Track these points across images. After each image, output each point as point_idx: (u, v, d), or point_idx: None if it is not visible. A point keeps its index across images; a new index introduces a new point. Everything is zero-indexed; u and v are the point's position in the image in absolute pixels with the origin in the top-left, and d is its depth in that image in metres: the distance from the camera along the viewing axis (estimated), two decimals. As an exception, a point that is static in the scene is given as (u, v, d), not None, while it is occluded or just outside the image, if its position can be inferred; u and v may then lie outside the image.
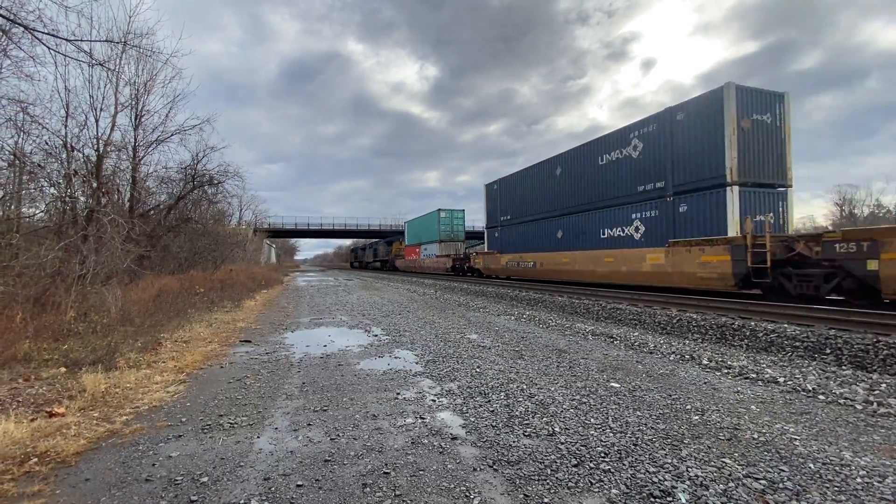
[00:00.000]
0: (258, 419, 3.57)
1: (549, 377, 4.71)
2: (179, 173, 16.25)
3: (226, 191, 19.26)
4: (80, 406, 3.77)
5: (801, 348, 5.92)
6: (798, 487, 2.42)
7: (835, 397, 4.06)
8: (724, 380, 4.70)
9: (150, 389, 4.30)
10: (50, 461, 2.78)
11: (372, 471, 2.66)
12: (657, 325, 8.13)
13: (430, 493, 2.40)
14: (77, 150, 11.07)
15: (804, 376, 4.76)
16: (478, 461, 2.78)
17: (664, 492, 2.38)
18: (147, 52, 11.96)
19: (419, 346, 6.52)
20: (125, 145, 13.44)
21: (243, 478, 2.59)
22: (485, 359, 5.59)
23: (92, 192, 11.28)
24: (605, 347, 6.35)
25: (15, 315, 6.08)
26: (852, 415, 3.64)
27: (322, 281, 28.23)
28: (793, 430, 3.26)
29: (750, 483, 2.47)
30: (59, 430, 3.24)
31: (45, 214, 10.59)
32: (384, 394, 4.22)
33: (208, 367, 5.32)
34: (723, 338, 6.93)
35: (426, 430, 3.31)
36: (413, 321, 9.09)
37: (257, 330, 8.23)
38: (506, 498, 2.36)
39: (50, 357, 5.25)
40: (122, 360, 5.19)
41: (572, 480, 2.52)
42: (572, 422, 3.42)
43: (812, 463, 2.72)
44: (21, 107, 9.37)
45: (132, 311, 7.66)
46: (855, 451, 2.92)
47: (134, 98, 13.61)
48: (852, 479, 2.52)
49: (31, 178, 9.82)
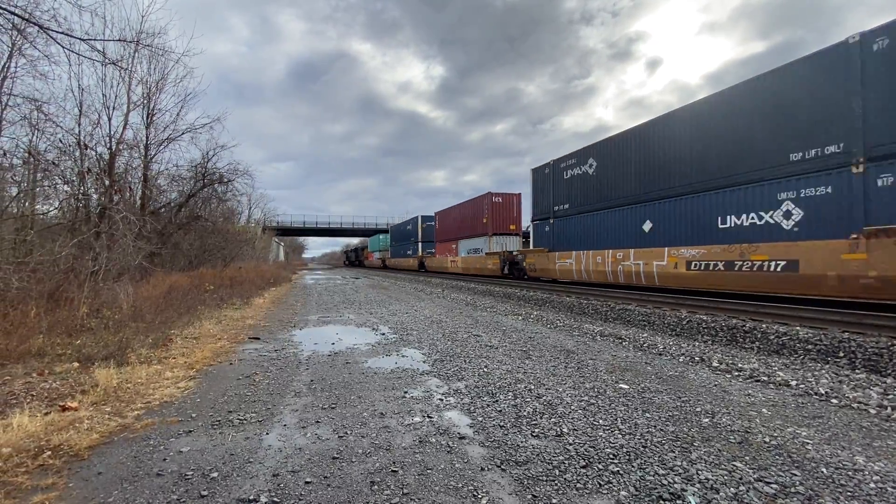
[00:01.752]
0: (267, 416, 3.59)
1: (557, 378, 4.70)
2: (190, 171, 16.45)
3: (235, 189, 19.50)
4: (93, 400, 3.82)
5: (814, 351, 5.84)
6: (810, 492, 2.39)
7: (848, 401, 4.00)
8: (734, 382, 4.65)
9: (161, 385, 4.35)
10: (63, 454, 2.83)
11: (380, 469, 2.67)
12: (666, 327, 8.06)
13: (437, 492, 2.40)
14: (90, 148, 11.24)
15: (816, 380, 4.70)
16: (485, 461, 2.78)
17: (674, 494, 2.36)
18: (159, 52, 12.14)
19: (426, 344, 6.53)
20: (137, 143, 13.65)
21: (252, 474, 2.61)
22: (492, 358, 5.58)
23: (105, 190, 11.44)
24: (613, 348, 6.32)
25: (29, 310, 6.18)
26: (866, 419, 3.59)
27: (330, 279, 28.36)
28: (805, 434, 3.22)
29: (761, 487, 2.44)
30: (72, 424, 3.28)
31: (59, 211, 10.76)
32: (392, 392, 4.23)
33: (218, 363, 5.37)
34: (733, 340, 6.86)
35: (434, 428, 3.31)
36: (420, 320, 9.11)
37: (266, 327, 8.29)
38: (514, 498, 2.35)
39: (63, 352, 5.33)
40: (134, 356, 5.26)
41: (581, 482, 2.51)
42: (581, 423, 3.40)
43: (824, 467, 2.68)
44: (35, 105, 9.53)
45: (143, 308, 7.75)
46: (868, 455, 2.87)
47: (146, 97, 13.80)
48: (865, 485, 2.48)
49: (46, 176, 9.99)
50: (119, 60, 11.38)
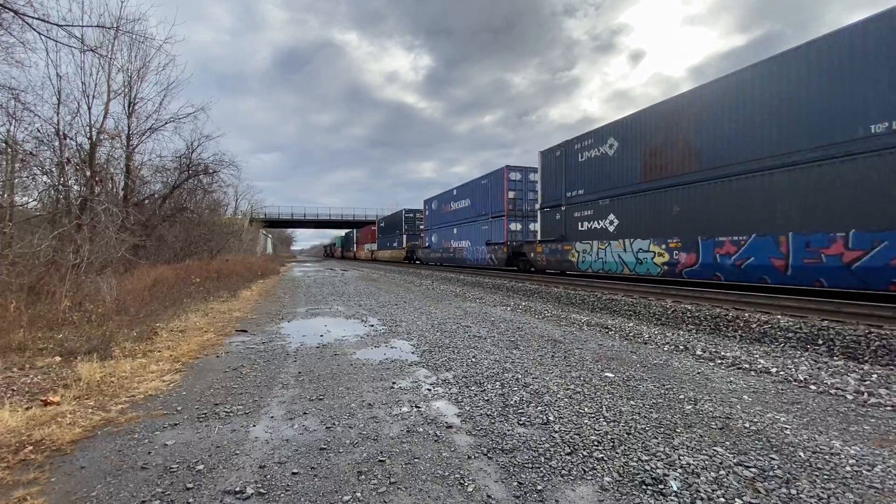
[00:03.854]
0: (254, 408, 3.58)
1: (544, 367, 4.74)
2: (174, 162, 16.10)
3: (221, 180, 19.16)
4: (76, 395, 3.76)
5: (794, 339, 5.97)
6: (788, 475, 2.46)
7: (826, 387, 4.11)
8: (717, 370, 4.74)
9: (146, 378, 4.30)
10: (45, 449, 2.78)
11: (367, 459, 2.68)
12: (652, 316, 8.18)
13: (424, 481, 2.42)
14: (70, 138, 10.95)
15: (796, 367, 4.81)
16: (472, 449, 2.80)
17: (656, 479, 2.41)
18: (140, 38, 11.81)
19: (415, 335, 6.54)
20: (119, 133, 13.30)
21: (239, 465, 2.60)
22: (480, 349, 5.61)
23: (85, 181, 11.18)
24: (599, 338, 6.39)
25: (9, 304, 6.05)
26: (843, 404, 3.69)
27: (318, 272, 28.19)
28: (784, 420, 3.30)
29: (741, 471, 2.50)
30: (55, 419, 3.23)
31: (38, 203, 10.50)
32: (380, 383, 4.24)
33: (204, 356, 5.32)
34: (717, 329, 6.98)
35: (421, 418, 3.32)
36: (409, 311, 9.11)
37: (253, 320, 8.23)
38: (499, 485, 2.38)
39: (45, 346, 5.24)
40: (118, 350, 5.18)
41: (566, 468, 2.55)
42: (566, 411, 3.45)
43: (802, 451, 2.76)
44: (12, 94, 9.25)
45: (127, 301, 7.63)
46: (845, 440, 2.96)
47: (127, 85, 13.43)
48: (842, 468, 2.55)
49: (24, 167, 9.72)
50: (98, 47, 11.07)
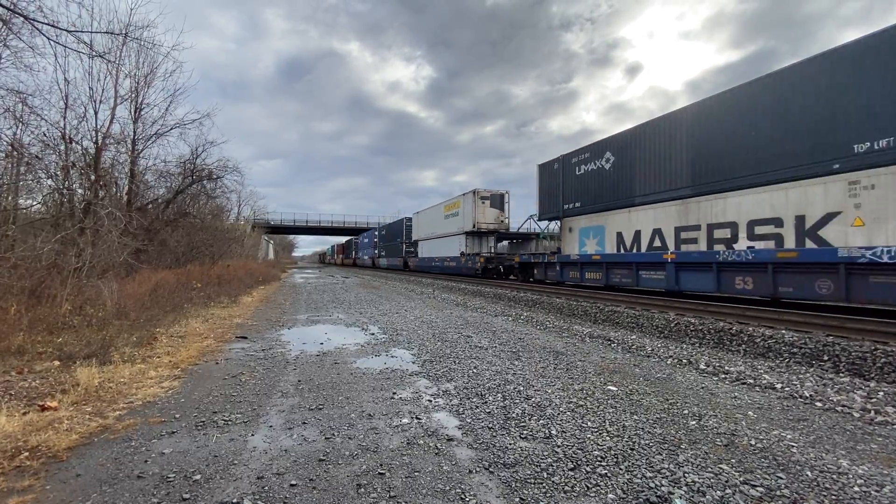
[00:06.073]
0: (253, 417, 3.54)
1: (546, 379, 4.69)
2: (178, 167, 16.19)
3: (224, 186, 19.25)
4: (73, 400, 3.73)
5: (799, 354, 5.91)
6: (795, 495, 2.41)
7: (832, 404, 4.05)
8: (721, 385, 4.69)
9: (145, 384, 4.27)
10: (41, 456, 2.75)
11: (367, 471, 2.63)
12: (655, 329, 8.12)
13: (425, 495, 2.38)
14: (75, 143, 11.01)
15: (801, 383, 4.75)
16: (473, 463, 2.76)
17: (661, 497, 2.36)
18: (148, 45, 11.89)
19: (416, 345, 6.49)
20: (124, 138, 13.38)
21: (236, 476, 2.56)
22: (482, 359, 5.57)
23: (90, 185, 11.22)
24: (602, 350, 6.34)
25: (9, 307, 6.03)
26: (850, 422, 3.63)
27: (319, 278, 28.16)
28: (790, 437, 3.25)
29: (747, 490, 2.45)
30: (51, 425, 3.20)
31: (42, 206, 10.55)
32: (380, 393, 4.20)
33: (203, 362, 5.29)
34: (720, 343, 6.92)
35: (422, 430, 3.28)
36: (410, 320, 9.06)
37: (254, 326, 8.19)
38: (501, 501, 2.33)
39: (44, 350, 5.21)
40: (117, 355, 5.15)
41: (569, 484, 2.50)
42: (569, 425, 3.40)
43: (809, 470, 2.71)
44: (20, 97, 9.33)
45: (128, 305, 7.61)
46: (852, 459, 2.91)
47: (134, 91, 13.55)
48: (850, 488, 2.50)
49: (29, 170, 9.78)
50: (106, 53, 11.16)
